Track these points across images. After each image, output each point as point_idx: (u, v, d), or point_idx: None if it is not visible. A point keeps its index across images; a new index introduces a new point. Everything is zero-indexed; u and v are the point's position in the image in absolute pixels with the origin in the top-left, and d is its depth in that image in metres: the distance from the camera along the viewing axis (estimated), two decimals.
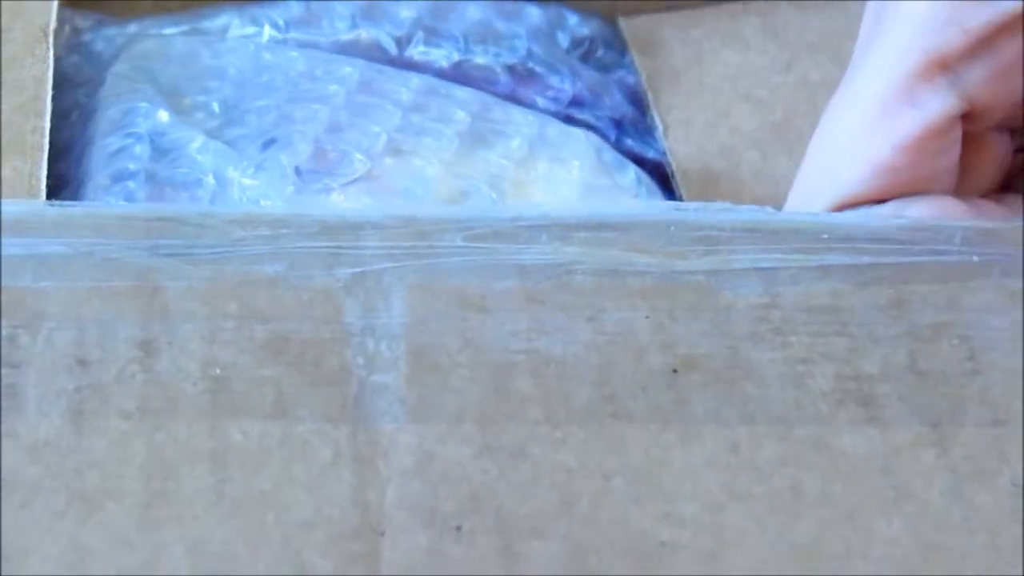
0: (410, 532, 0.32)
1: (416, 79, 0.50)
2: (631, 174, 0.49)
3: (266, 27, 0.51)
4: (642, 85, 0.52)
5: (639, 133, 0.51)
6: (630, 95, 0.52)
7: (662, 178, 0.50)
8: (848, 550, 0.33)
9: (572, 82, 0.51)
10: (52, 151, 0.45)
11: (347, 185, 0.46)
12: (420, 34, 0.51)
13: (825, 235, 0.39)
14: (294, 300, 0.36)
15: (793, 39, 0.53)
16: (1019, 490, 0.34)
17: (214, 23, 0.52)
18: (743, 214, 0.40)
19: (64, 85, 0.49)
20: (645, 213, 0.40)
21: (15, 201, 0.39)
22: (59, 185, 0.47)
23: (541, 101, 0.51)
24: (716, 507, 0.33)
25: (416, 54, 0.51)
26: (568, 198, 0.47)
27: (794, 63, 0.52)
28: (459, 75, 0.51)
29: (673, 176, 0.50)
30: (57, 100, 0.46)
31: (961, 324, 0.38)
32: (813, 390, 0.36)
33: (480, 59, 0.51)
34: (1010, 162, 0.43)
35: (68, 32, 0.51)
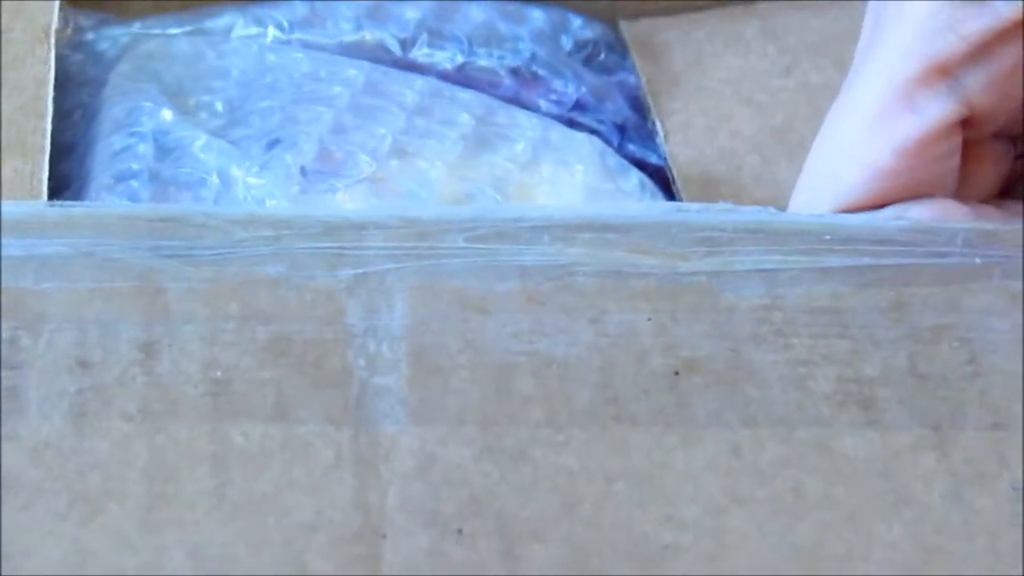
0: (411, 534, 0.32)
1: (420, 81, 0.50)
2: (634, 179, 0.48)
3: (270, 28, 0.51)
4: (642, 89, 0.52)
5: (641, 138, 0.51)
6: (632, 99, 0.52)
7: (664, 184, 0.50)
8: (849, 553, 0.33)
9: (576, 86, 0.51)
10: (55, 151, 0.45)
11: (352, 186, 0.46)
12: (424, 36, 0.51)
13: (827, 236, 0.39)
14: (296, 301, 0.36)
15: (794, 42, 0.53)
16: (1019, 494, 0.34)
17: (218, 23, 0.52)
18: (745, 215, 0.40)
19: (67, 84, 0.49)
20: (647, 214, 0.40)
21: (16, 202, 0.39)
22: (62, 185, 0.47)
23: (544, 104, 0.51)
24: (718, 510, 0.33)
25: (420, 56, 0.51)
26: (572, 202, 0.47)
27: (795, 67, 0.52)
28: (463, 77, 0.51)
29: (674, 181, 0.49)
30: (60, 99, 0.46)
31: (962, 326, 0.38)
32: (814, 392, 0.36)
33: (484, 61, 0.51)
34: (1010, 169, 0.43)
35: (71, 31, 0.51)
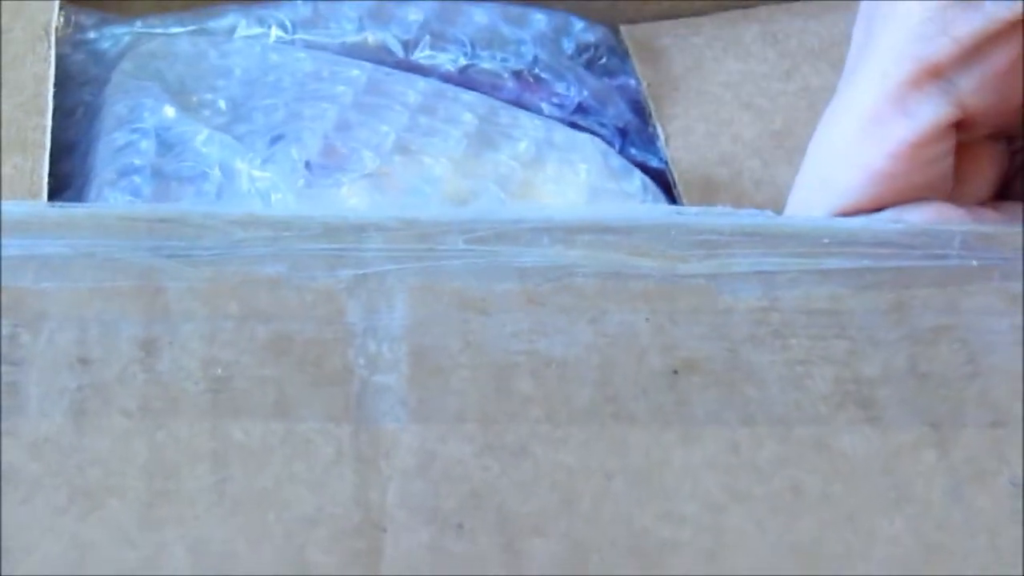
0: (412, 530, 0.32)
1: (423, 82, 0.50)
2: (637, 180, 0.49)
3: (273, 28, 0.52)
4: (643, 93, 0.52)
5: (643, 142, 0.52)
6: (633, 103, 0.53)
7: (665, 188, 0.50)
8: (848, 551, 0.33)
9: (577, 89, 0.51)
10: (57, 149, 0.45)
11: (356, 181, 0.46)
12: (427, 38, 0.51)
13: (825, 239, 0.39)
14: (296, 301, 0.36)
15: (794, 46, 0.53)
16: (1019, 491, 0.34)
17: (221, 23, 0.52)
18: (743, 218, 0.40)
19: (69, 83, 0.49)
20: (646, 217, 0.40)
21: (17, 202, 0.39)
22: (64, 183, 0.47)
23: (546, 107, 0.51)
24: (717, 507, 0.34)
25: (423, 58, 0.51)
26: (575, 202, 0.47)
27: (795, 71, 0.52)
28: (465, 80, 0.51)
29: (675, 185, 0.50)
30: (61, 98, 0.46)
31: (961, 327, 0.38)
32: (813, 392, 0.36)
33: (486, 64, 0.51)
34: (1006, 170, 0.44)
35: (72, 30, 0.51)
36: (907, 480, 0.34)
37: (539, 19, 0.53)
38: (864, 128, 0.41)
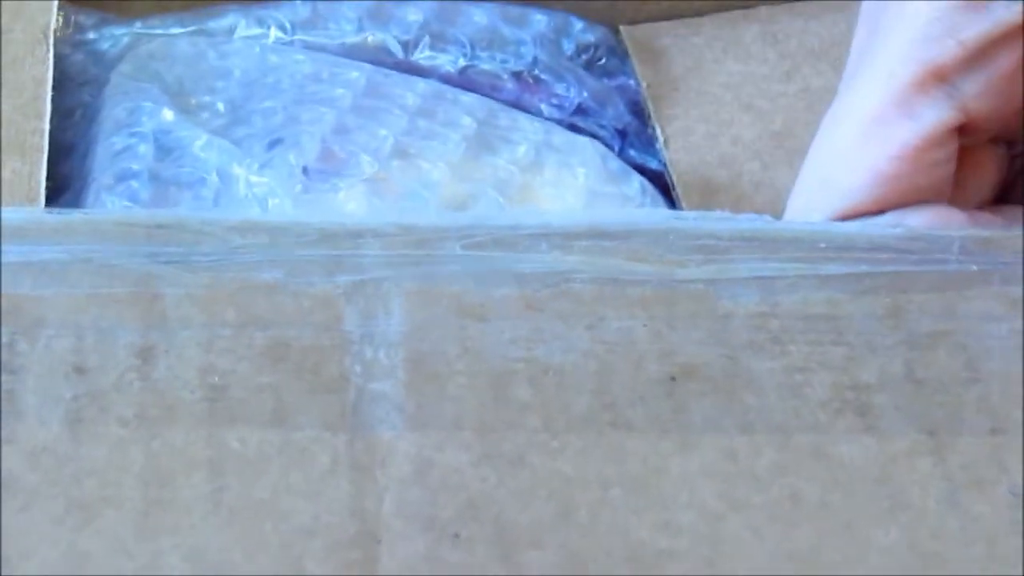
0: (408, 539, 0.32)
1: (422, 84, 0.50)
2: (636, 183, 0.49)
3: (272, 28, 0.52)
4: (642, 95, 0.52)
5: (642, 144, 0.51)
6: (633, 104, 0.52)
7: (664, 190, 0.50)
8: (846, 559, 0.33)
9: (577, 90, 0.51)
10: (56, 151, 0.45)
11: (354, 186, 0.46)
12: (427, 39, 0.51)
13: (823, 244, 0.39)
14: (293, 307, 0.36)
15: (794, 47, 0.53)
16: (1018, 499, 0.34)
17: (220, 24, 0.52)
18: (742, 223, 0.40)
19: (68, 84, 0.49)
20: (644, 222, 0.40)
21: (14, 208, 0.39)
22: (63, 185, 0.47)
23: (546, 108, 0.51)
24: (714, 516, 0.33)
25: (422, 59, 0.51)
26: (574, 205, 0.47)
27: (795, 72, 0.52)
28: (465, 80, 0.51)
29: (674, 187, 0.50)
30: (61, 99, 0.46)
31: (959, 332, 0.38)
32: (811, 399, 0.36)
33: (486, 65, 0.51)
34: (1006, 174, 0.43)
35: (72, 30, 0.51)
36: (904, 488, 0.34)
37: (539, 20, 0.53)
38: (867, 130, 0.41)
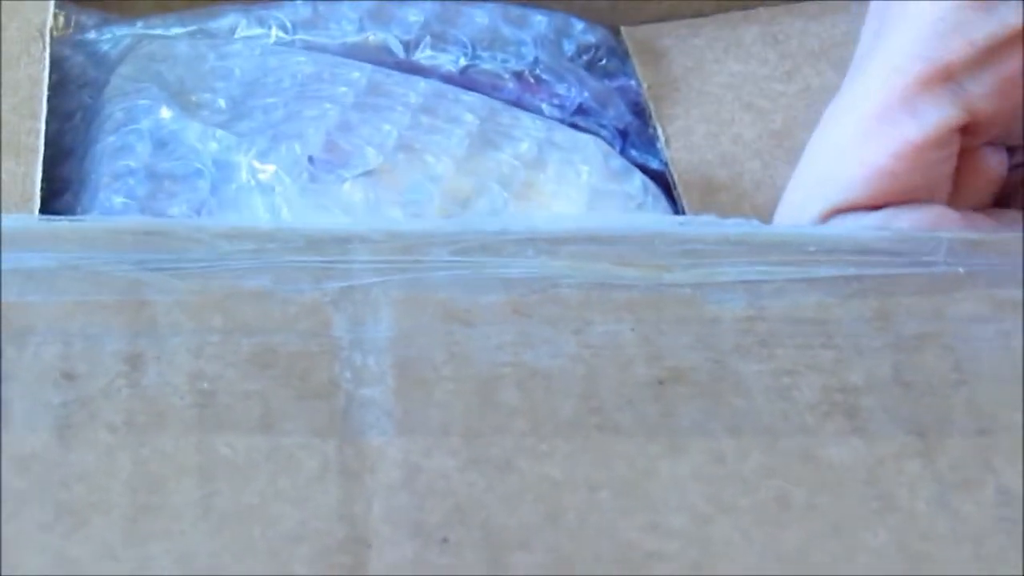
0: (396, 544, 0.32)
1: (424, 83, 0.50)
2: (637, 181, 0.49)
3: (273, 28, 0.52)
4: (643, 95, 0.52)
5: (643, 143, 0.52)
6: (634, 104, 0.53)
7: (665, 189, 0.50)
8: (834, 561, 0.33)
9: (578, 90, 0.51)
10: (56, 153, 0.45)
11: (359, 177, 0.46)
12: (428, 38, 0.52)
13: (811, 247, 0.39)
14: (281, 314, 0.36)
15: (794, 48, 0.53)
16: (1005, 499, 0.34)
17: (221, 24, 0.52)
18: (729, 227, 0.40)
19: (68, 86, 0.49)
20: (631, 226, 0.40)
21: (2, 215, 0.39)
22: (62, 187, 0.47)
23: (547, 108, 0.51)
24: (702, 519, 0.34)
25: (423, 58, 0.51)
26: (577, 202, 0.47)
27: (795, 72, 0.52)
28: (466, 80, 0.51)
29: (675, 186, 0.50)
30: (61, 101, 0.46)
31: (946, 334, 0.38)
32: (799, 402, 0.36)
33: (487, 65, 0.51)
34: (1004, 179, 0.43)
35: (73, 30, 0.51)
36: (892, 490, 0.34)
37: (539, 20, 0.53)
38: (870, 126, 0.41)
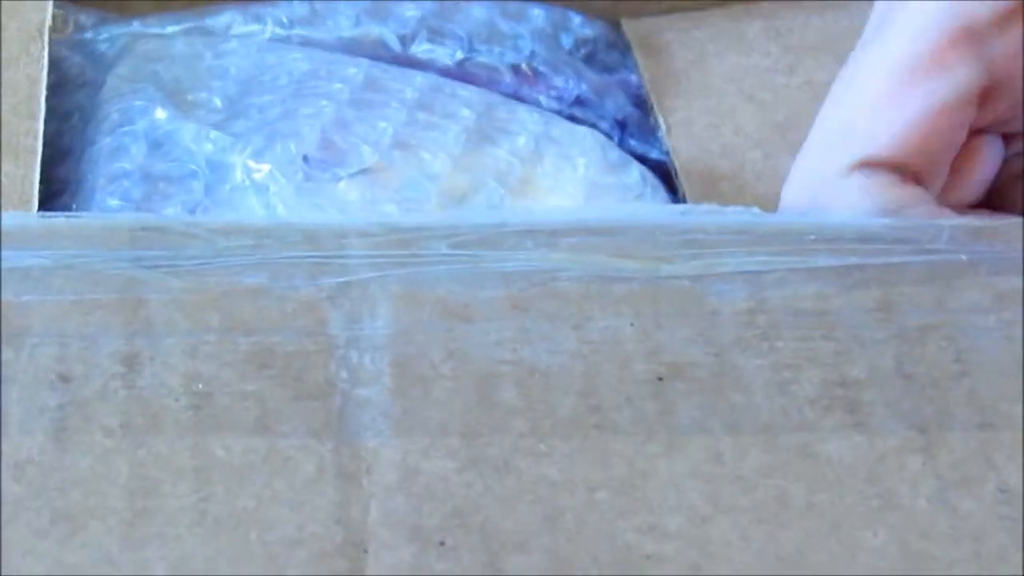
0: (394, 548, 0.32)
1: (420, 78, 0.50)
2: (635, 172, 0.48)
3: (269, 25, 0.51)
4: (645, 86, 0.52)
5: (642, 134, 0.51)
6: (633, 96, 0.52)
7: (665, 180, 0.50)
8: (833, 560, 0.33)
9: (576, 82, 0.51)
10: (53, 154, 0.44)
11: (355, 176, 0.46)
12: (424, 32, 0.51)
13: (811, 236, 0.39)
14: (277, 311, 0.36)
15: (796, 41, 0.53)
16: (1006, 496, 0.34)
17: (217, 21, 0.51)
18: (729, 217, 0.40)
19: (67, 87, 0.49)
20: (630, 218, 0.40)
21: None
22: (60, 188, 0.46)
23: (545, 100, 0.51)
24: (701, 518, 0.33)
25: (420, 52, 0.51)
26: (574, 196, 0.47)
27: (797, 65, 0.52)
28: (463, 74, 0.51)
29: (676, 175, 0.49)
30: (59, 102, 0.46)
31: (949, 325, 0.38)
32: (799, 397, 0.36)
33: (484, 58, 0.51)
34: (1001, 173, 0.43)
35: (71, 29, 0.51)
36: (892, 487, 0.34)
37: (537, 15, 0.53)
38: (901, 81, 0.41)
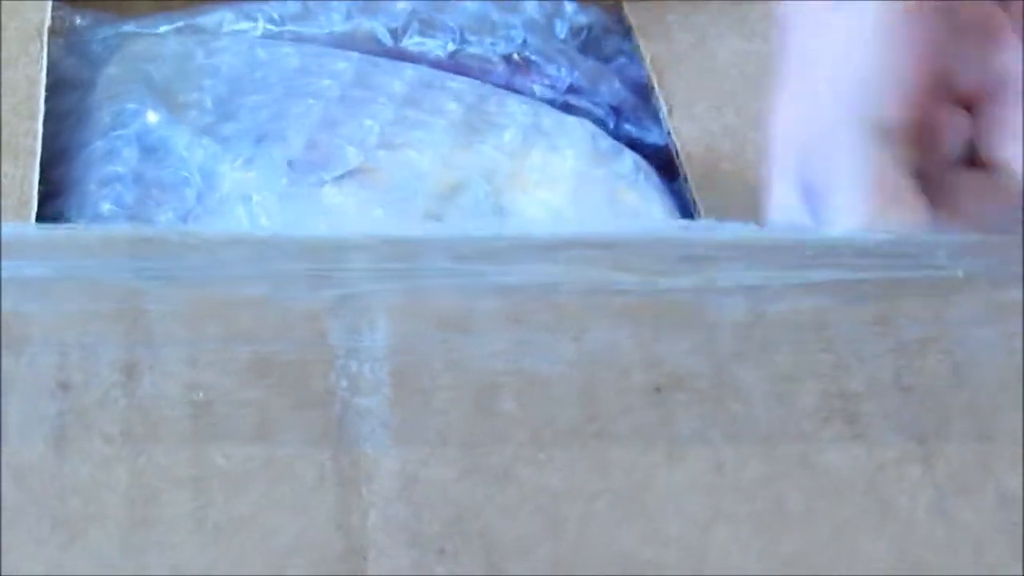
0: (393, 555, 0.32)
1: (411, 71, 0.50)
2: (628, 160, 0.49)
3: (261, 21, 0.52)
4: (646, 69, 0.52)
5: (637, 119, 0.51)
6: (629, 82, 0.53)
7: (662, 164, 0.50)
8: (833, 568, 0.33)
9: (569, 70, 0.51)
10: (49, 156, 0.44)
11: (341, 178, 0.46)
12: (416, 25, 0.51)
13: (809, 252, 0.39)
14: (278, 322, 0.36)
15: None
16: (1005, 506, 0.34)
17: (209, 19, 0.52)
18: (728, 231, 0.40)
19: (63, 87, 0.49)
20: (629, 231, 0.40)
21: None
22: (56, 189, 0.46)
23: (538, 89, 0.51)
24: (701, 527, 0.33)
25: (411, 44, 0.51)
26: (563, 188, 0.47)
27: None
28: (455, 65, 0.51)
29: (678, 156, 0.49)
30: (56, 103, 0.46)
31: (946, 338, 0.38)
32: (798, 408, 0.36)
33: (476, 49, 0.51)
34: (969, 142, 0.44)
35: (68, 31, 0.51)
36: (891, 496, 0.34)
37: (530, 5, 0.53)
38: (886, 31, 0.41)
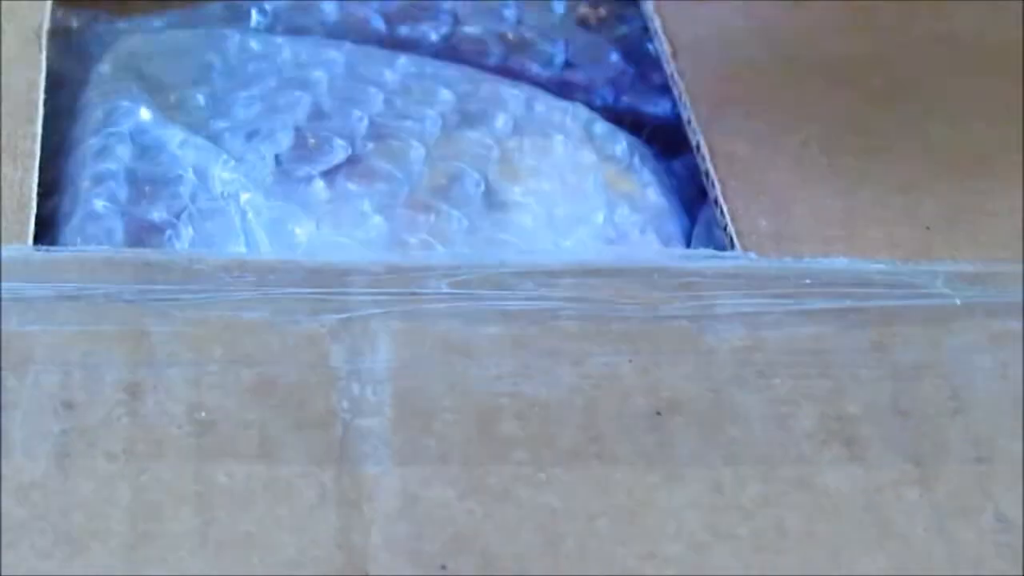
0: (395, 573, 0.32)
1: (403, 59, 0.50)
2: (623, 144, 0.49)
3: (254, 14, 0.52)
4: (647, 11, 0.52)
5: (636, 91, 0.52)
6: (628, 53, 0.53)
7: (662, 140, 0.50)
8: None
9: (565, 47, 0.52)
10: (43, 154, 0.44)
11: (328, 173, 0.46)
12: (409, 11, 0.52)
13: (807, 280, 0.40)
14: (279, 345, 0.36)
15: None
16: (1004, 526, 0.34)
17: (202, 14, 0.52)
18: (726, 261, 0.40)
19: (59, 86, 0.49)
20: (629, 259, 0.40)
21: (3, 246, 0.39)
22: (52, 189, 0.46)
23: (535, 67, 0.52)
24: (700, 547, 0.34)
25: (406, 30, 0.52)
26: (554, 176, 0.47)
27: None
28: (449, 49, 0.51)
29: (680, 98, 0.49)
30: (52, 102, 0.46)
31: (944, 364, 0.38)
32: (797, 431, 0.36)
33: (470, 30, 0.52)
34: None
35: (63, 31, 0.51)
36: (890, 517, 0.34)
37: None
38: None
